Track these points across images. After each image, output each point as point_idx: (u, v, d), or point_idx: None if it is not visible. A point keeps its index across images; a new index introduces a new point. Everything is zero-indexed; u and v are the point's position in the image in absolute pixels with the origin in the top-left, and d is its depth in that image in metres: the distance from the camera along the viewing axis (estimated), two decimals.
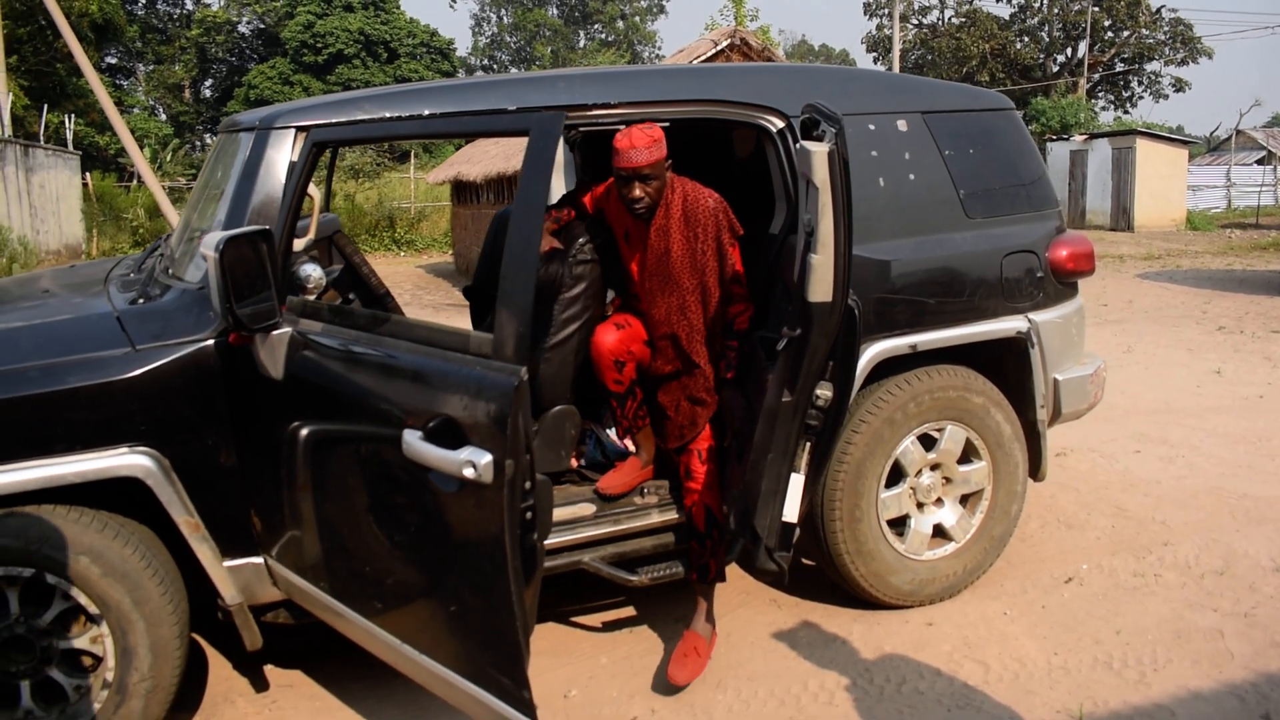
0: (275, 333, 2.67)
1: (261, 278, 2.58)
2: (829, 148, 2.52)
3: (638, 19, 68.56)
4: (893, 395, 3.57)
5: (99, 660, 2.85)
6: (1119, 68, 41.45)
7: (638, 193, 3.14)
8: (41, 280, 4.04)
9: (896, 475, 3.69)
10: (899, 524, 3.74)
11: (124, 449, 2.72)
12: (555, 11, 67.61)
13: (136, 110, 42.40)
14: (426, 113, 2.94)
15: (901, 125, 3.56)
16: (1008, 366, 3.83)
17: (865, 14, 44.68)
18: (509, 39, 67.82)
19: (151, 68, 48.49)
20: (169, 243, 3.65)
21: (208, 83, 51.05)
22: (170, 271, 3.19)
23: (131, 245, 21.24)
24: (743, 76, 3.46)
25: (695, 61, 12.94)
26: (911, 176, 3.55)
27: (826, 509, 3.57)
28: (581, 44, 68.04)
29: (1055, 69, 41.00)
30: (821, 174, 2.53)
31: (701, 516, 3.33)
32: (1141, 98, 42.47)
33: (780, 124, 3.32)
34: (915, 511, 3.75)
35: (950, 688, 3.26)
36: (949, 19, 42.97)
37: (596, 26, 68.73)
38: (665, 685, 3.27)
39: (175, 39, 48.02)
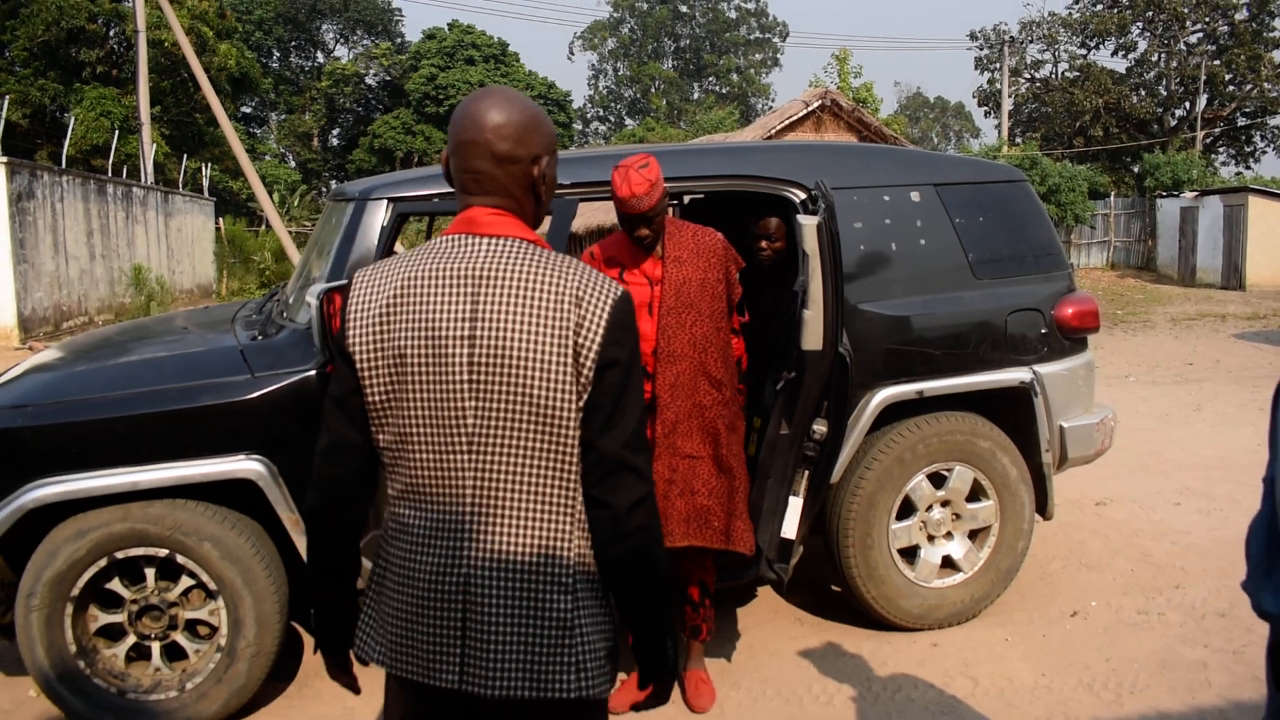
0: None
1: None
2: (818, 221, 3.02)
3: (752, 71, 69.54)
4: (903, 437, 4.01)
5: (214, 629, 3.48)
6: (1240, 122, 40.54)
7: (644, 232, 3.31)
8: (179, 319, 4.77)
9: (908, 509, 4.12)
10: (911, 554, 4.16)
11: (242, 456, 3.36)
12: (670, 64, 69.01)
13: (268, 157, 44.87)
14: None
15: (914, 196, 4.03)
16: (1016, 413, 4.23)
17: (976, 68, 44.71)
18: (625, 91, 69.47)
19: (283, 117, 51.26)
20: (284, 290, 4.32)
21: (335, 131, 53.70)
22: (285, 314, 3.86)
23: (258, 286, 22.61)
24: (769, 154, 3.99)
25: (787, 121, 13.53)
26: (922, 242, 4.02)
27: (840, 536, 4.02)
28: (695, 95, 69.23)
29: (1173, 123, 40.30)
30: (811, 243, 3.04)
31: (697, 590, 3.68)
32: (1265, 152, 41.39)
33: (802, 195, 3.82)
34: (925, 543, 4.16)
35: (939, 698, 3.67)
36: (1062, 73, 42.67)
37: (711, 79, 69.93)
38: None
39: (306, 90, 50.70)
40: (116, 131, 24.17)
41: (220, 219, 26.46)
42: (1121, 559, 5.07)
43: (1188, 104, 39.77)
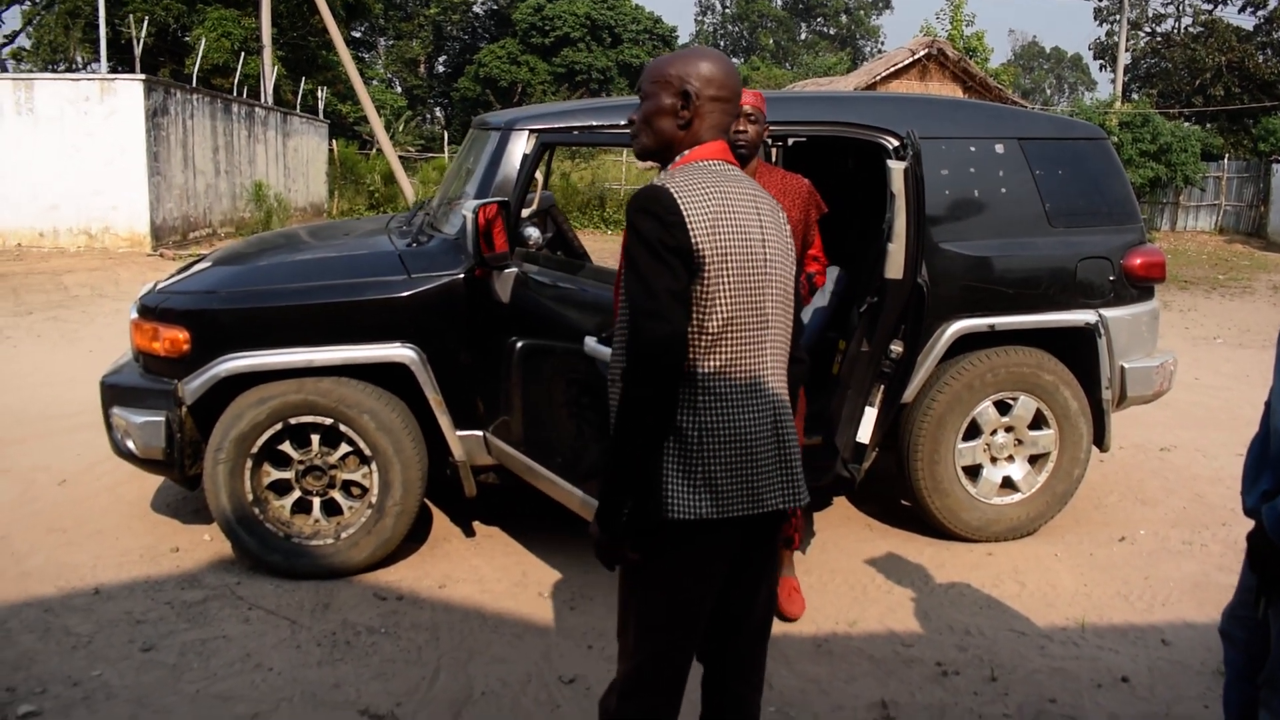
0: (506, 271, 3.85)
1: (500, 233, 3.75)
2: (905, 165, 3.46)
3: (862, 13, 68.35)
4: (973, 365, 4.44)
5: (365, 490, 4.11)
6: None
7: (743, 126, 3.52)
8: (340, 227, 5.41)
9: (974, 431, 4.56)
10: (975, 472, 4.61)
11: (398, 344, 3.96)
12: (779, 2, 68.09)
13: (375, 82, 45.65)
14: (622, 123, 4.04)
15: (999, 148, 4.42)
16: (1080, 352, 4.61)
17: (1095, 19, 43.44)
18: (732, 28, 68.88)
19: (391, 43, 52.09)
20: (431, 205, 4.90)
21: (441, 59, 54.47)
22: (433, 225, 4.44)
23: (367, 207, 23.51)
24: (868, 104, 4.41)
25: (892, 68, 13.70)
26: (1003, 190, 4.41)
27: (911, 451, 4.49)
28: (803, 36, 68.36)
29: None
30: (898, 185, 3.48)
31: None
32: None
33: (894, 142, 4.24)
34: (988, 463, 4.61)
35: (988, 596, 4.15)
36: (1185, 28, 41.23)
37: (819, 20, 68.93)
38: None
39: (415, 16, 51.39)
40: (240, 53, 25.12)
41: (333, 141, 27.38)
42: (1176, 497, 5.43)
43: None
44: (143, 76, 15.65)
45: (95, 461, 5.45)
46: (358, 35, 47.48)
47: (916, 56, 13.86)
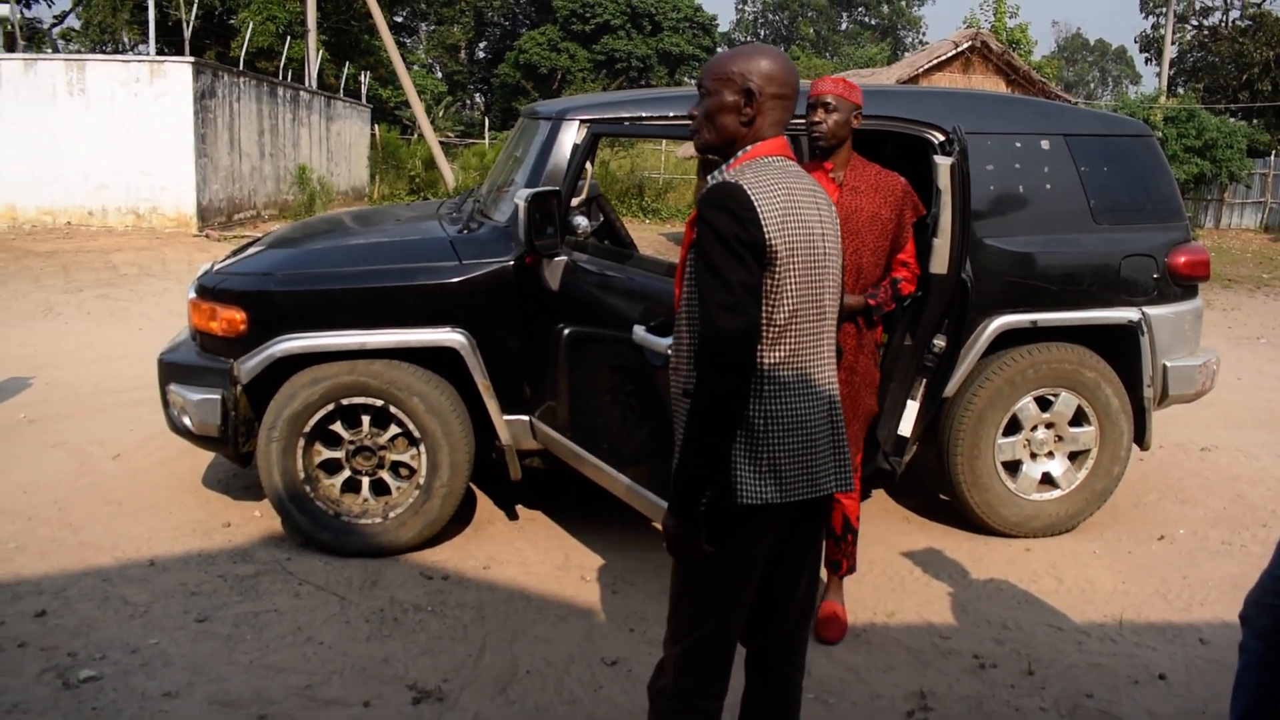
0: (556, 259, 3.92)
1: (550, 221, 3.82)
2: (951, 162, 3.49)
3: (903, 3, 67.73)
4: (1015, 361, 4.46)
5: (413, 471, 4.21)
6: None
7: (819, 116, 3.44)
8: (388, 213, 5.51)
9: (1015, 427, 4.58)
10: (1014, 468, 4.63)
11: (448, 329, 4.05)
12: None
13: (416, 68, 45.87)
14: (671, 114, 4.10)
15: (1044, 144, 4.43)
16: (1122, 349, 4.61)
17: (1141, 11, 42.86)
18: (772, 16, 68.52)
19: (432, 28, 52.29)
20: (480, 192, 4.98)
21: (482, 44, 54.61)
22: (483, 213, 4.52)
23: (408, 193, 23.67)
24: (915, 99, 4.43)
25: (935, 61, 13.62)
26: (1048, 186, 4.42)
27: (951, 445, 4.52)
28: (844, 26, 67.89)
29: None
30: (944, 181, 3.51)
31: (839, 521, 3.72)
32: None
33: (940, 137, 4.26)
34: (1028, 459, 4.62)
35: (1025, 591, 4.18)
36: (1233, 21, 40.54)
37: (860, 9, 68.40)
38: None
39: (456, 2, 51.51)
40: (285, 37, 25.34)
41: (375, 125, 27.59)
42: (1215, 497, 5.42)
43: None
44: (192, 59, 15.86)
45: (148, 437, 5.59)
46: (399, 20, 47.66)
47: (960, 49, 13.78)
